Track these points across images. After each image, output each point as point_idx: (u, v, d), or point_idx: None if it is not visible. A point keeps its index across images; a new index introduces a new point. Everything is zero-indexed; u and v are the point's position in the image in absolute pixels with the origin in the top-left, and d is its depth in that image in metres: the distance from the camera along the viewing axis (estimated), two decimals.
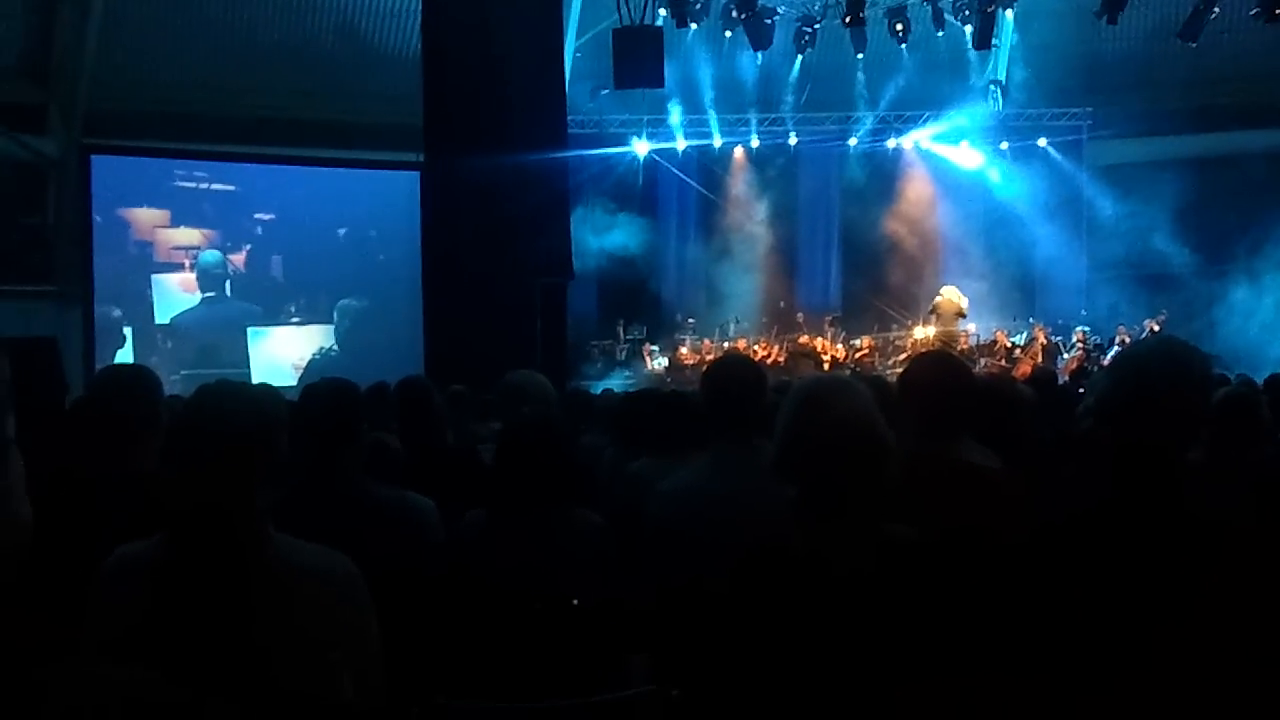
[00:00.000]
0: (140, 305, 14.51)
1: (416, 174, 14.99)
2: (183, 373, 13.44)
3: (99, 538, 2.32)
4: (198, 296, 14.84)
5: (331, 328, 15.64)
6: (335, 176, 15.32)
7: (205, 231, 14.92)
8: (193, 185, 14.91)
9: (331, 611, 2.23)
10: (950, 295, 16.96)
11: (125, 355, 13.68)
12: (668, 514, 3.30)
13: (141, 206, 14.64)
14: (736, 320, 18.69)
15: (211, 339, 14.75)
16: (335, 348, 15.43)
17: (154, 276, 14.70)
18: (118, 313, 14.30)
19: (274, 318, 15.43)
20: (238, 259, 15.13)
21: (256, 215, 15.20)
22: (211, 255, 14.92)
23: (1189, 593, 1.98)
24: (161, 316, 14.69)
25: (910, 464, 2.61)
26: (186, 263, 14.79)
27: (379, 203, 15.11)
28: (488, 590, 3.21)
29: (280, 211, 15.20)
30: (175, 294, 14.72)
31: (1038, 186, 19.26)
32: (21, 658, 1.11)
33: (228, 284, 15.10)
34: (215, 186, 15.02)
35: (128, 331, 14.31)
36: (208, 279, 14.88)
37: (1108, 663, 2.01)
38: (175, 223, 14.82)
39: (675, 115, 19.04)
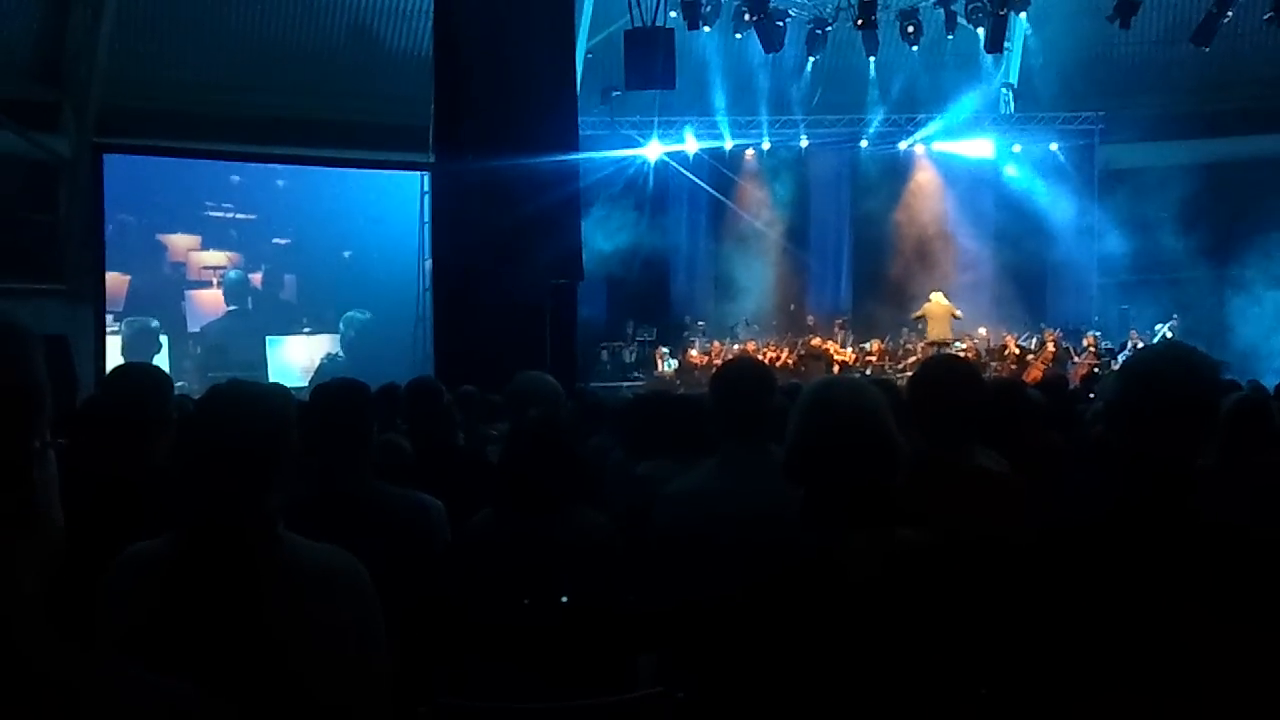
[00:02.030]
0: (175, 317, 16.38)
1: (419, 191, 15.50)
2: (209, 375, 14.94)
3: (110, 535, 2.33)
4: (224, 309, 16.75)
5: (338, 337, 17.26)
6: (343, 202, 16.94)
7: (230, 254, 16.89)
8: (220, 215, 16.81)
9: (339, 611, 2.23)
10: (939, 299, 17.02)
11: (162, 359, 15.27)
12: (675, 516, 3.29)
13: (177, 233, 16.56)
14: (747, 322, 18.66)
15: (235, 346, 16.61)
16: (341, 354, 17.07)
17: (187, 292, 16.63)
18: (155, 323, 16.11)
19: (288, 328, 17.25)
20: (257, 277, 17.07)
21: (274, 240, 17.14)
22: (236, 274, 16.89)
23: (1202, 598, 1.98)
24: (193, 326, 16.60)
25: (920, 467, 2.61)
26: (215, 280, 16.73)
27: (382, 227, 16.86)
28: (495, 590, 3.21)
29: (295, 237, 17.13)
30: (205, 307, 16.70)
31: (1049, 189, 19.19)
32: (52, 659, 1.11)
33: (249, 299, 17.00)
34: (239, 216, 16.93)
35: (164, 339, 16.06)
36: (233, 295, 16.81)
37: (1121, 668, 2.00)
38: (205, 246, 16.74)
39: (686, 117, 19.01)
